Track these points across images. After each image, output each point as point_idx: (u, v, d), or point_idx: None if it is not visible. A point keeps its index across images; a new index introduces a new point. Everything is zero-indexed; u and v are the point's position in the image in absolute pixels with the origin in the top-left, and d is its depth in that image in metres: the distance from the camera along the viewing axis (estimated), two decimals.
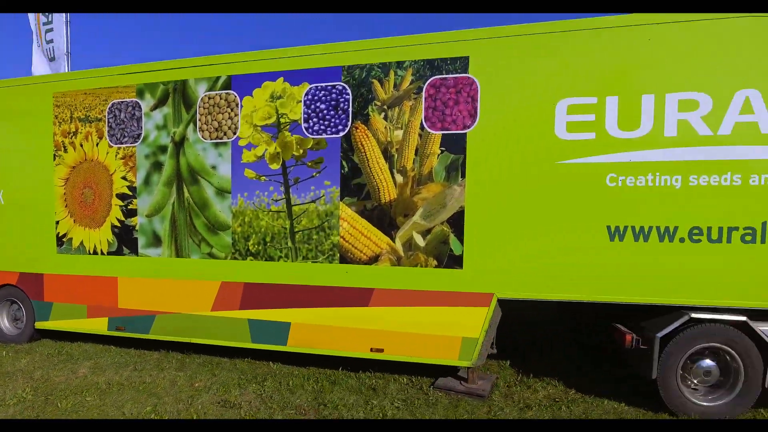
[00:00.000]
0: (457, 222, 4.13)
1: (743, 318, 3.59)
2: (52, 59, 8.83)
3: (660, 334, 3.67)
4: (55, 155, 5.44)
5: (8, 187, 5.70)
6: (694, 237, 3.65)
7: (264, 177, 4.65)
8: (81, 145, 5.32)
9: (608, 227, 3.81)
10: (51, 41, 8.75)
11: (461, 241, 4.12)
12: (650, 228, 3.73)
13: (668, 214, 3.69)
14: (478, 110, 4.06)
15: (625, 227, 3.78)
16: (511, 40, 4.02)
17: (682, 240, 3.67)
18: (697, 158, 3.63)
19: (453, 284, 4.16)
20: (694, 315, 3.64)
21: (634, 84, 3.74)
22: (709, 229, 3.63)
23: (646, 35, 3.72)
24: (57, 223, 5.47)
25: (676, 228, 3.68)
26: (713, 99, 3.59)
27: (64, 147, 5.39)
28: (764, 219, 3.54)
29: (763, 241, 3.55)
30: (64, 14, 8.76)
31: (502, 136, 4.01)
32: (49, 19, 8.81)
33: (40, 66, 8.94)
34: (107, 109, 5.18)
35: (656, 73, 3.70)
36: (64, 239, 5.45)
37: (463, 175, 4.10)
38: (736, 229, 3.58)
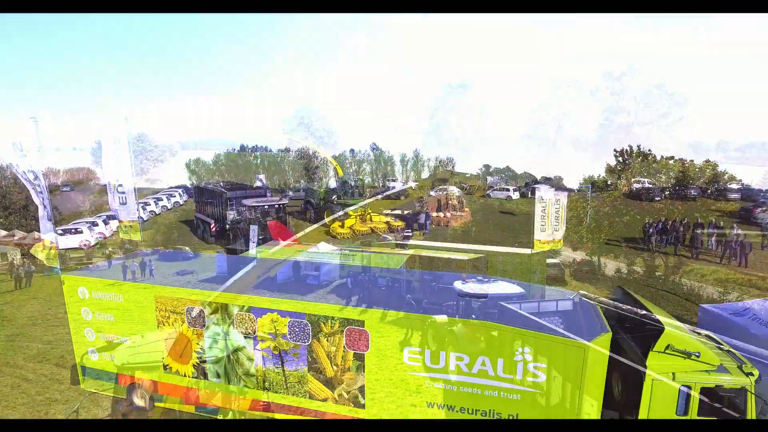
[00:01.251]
0: (362, 390, 8.70)
1: None
2: (123, 203, 13.01)
3: None
4: (158, 326, 10.03)
5: (133, 336, 10.40)
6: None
7: (270, 356, 9.20)
8: (172, 324, 9.87)
9: (428, 403, 8.35)
10: (123, 192, 12.87)
11: (364, 398, 8.72)
12: (452, 406, 8.25)
13: (450, 403, 8.19)
14: (370, 344, 8.43)
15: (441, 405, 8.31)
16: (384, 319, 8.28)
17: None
18: (463, 380, 8.03)
19: (359, 416, 8.84)
20: None
21: (437, 345, 8.04)
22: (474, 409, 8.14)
23: (435, 322, 7.96)
24: (162, 358, 10.21)
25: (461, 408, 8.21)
26: (470, 357, 7.91)
27: (163, 323, 9.96)
28: (491, 407, 8.03)
29: None
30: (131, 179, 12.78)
31: (382, 357, 8.43)
32: (120, 182, 12.85)
33: (114, 206, 13.15)
34: (185, 309, 9.65)
35: (447, 340, 7.98)
36: (167, 367, 10.22)
37: (363, 371, 8.59)
38: (485, 413, 8.08)
